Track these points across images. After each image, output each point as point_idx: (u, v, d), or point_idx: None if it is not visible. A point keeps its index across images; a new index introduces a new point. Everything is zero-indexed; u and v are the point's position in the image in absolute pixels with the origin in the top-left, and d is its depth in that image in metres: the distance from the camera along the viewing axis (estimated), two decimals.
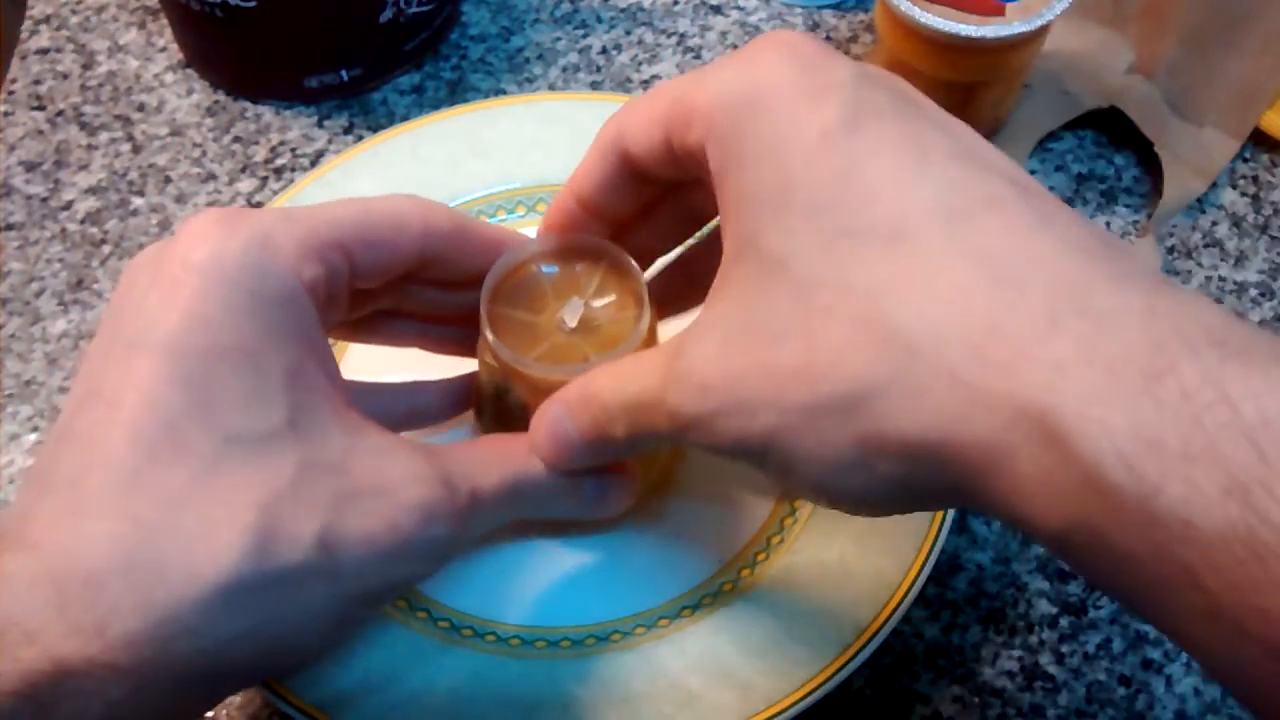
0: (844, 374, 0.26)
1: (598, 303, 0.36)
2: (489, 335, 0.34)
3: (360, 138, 0.52)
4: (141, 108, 0.53)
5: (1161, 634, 0.25)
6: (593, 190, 0.34)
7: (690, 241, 0.37)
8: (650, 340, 0.36)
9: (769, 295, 0.27)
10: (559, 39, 0.55)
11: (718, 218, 0.31)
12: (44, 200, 0.50)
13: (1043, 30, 0.46)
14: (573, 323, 0.35)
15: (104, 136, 0.52)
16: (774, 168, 0.28)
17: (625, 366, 0.31)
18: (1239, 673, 0.22)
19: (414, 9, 0.51)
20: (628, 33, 0.55)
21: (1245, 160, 0.51)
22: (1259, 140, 0.52)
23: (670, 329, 0.39)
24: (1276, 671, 0.21)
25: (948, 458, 0.25)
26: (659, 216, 0.36)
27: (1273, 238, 0.49)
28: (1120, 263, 0.25)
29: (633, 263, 0.35)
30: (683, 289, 0.37)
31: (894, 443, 0.25)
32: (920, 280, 0.25)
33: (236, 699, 0.39)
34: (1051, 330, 0.24)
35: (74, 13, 0.56)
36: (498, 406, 0.37)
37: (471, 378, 0.39)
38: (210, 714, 0.39)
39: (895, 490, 0.27)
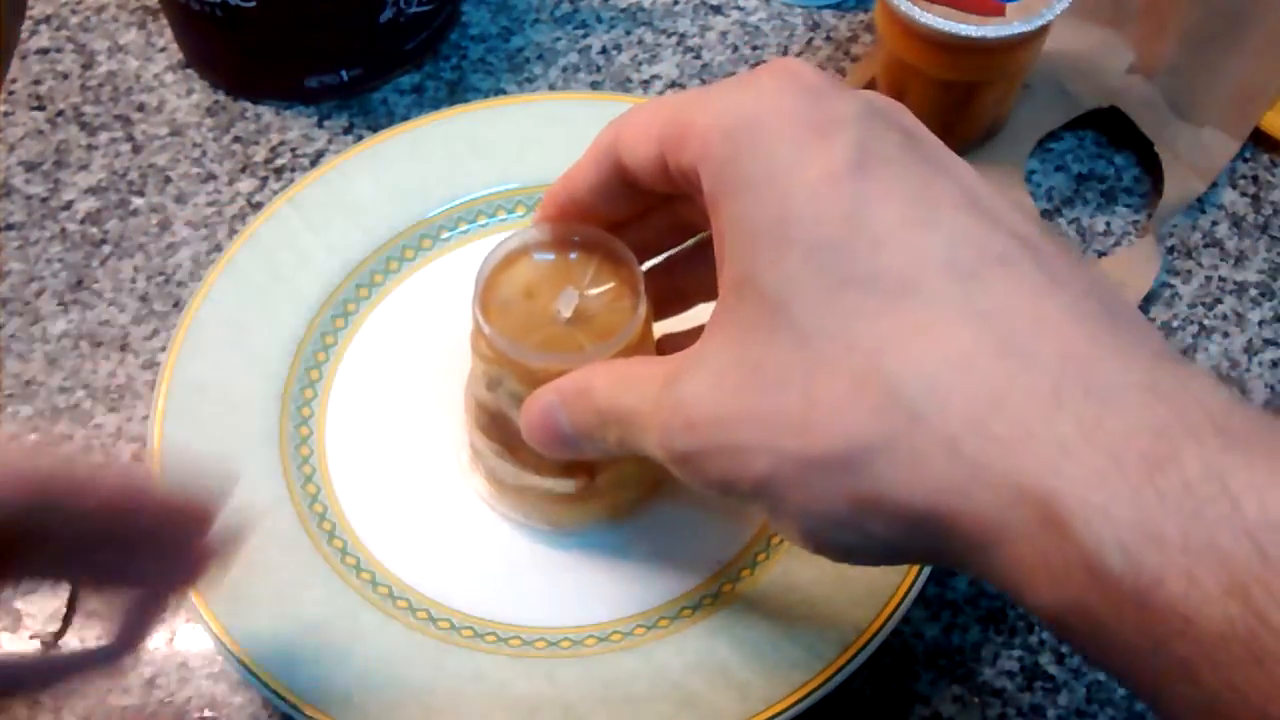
0: (842, 431, 0.25)
1: (593, 293, 0.35)
2: (483, 324, 0.34)
3: (360, 138, 0.52)
4: (141, 108, 0.53)
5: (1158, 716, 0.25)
6: (585, 193, 0.34)
7: (678, 249, 0.37)
8: (646, 332, 0.35)
9: (768, 339, 0.27)
10: (559, 39, 0.55)
11: (707, 232, 0.30)
12: (44, 200, 0.50)
13: (1043, 30, 0.46)
14: (567, 313, 0.35)
15: (104, 136, 0.52)
16: (773, 200, 0.27)
17: (622, 371, 0.31)
18: None
19: (414, 9, 0.51)
20: (628, 33, 0.55)
21: (1245, 160, 0.51)
22: (1259, 140, 0.52)
23: (660, 329, 0.39)
24: None
25: (943, 528, 0.25)
26: (650, 223, 0.36)
27: (1273, 238, 0.49)
28: (1125, 331, 0.25)
29: (629, 252, 0.35)
30: (669, 296, 0.37)
31: (889, 507, 0.25)
32: (926, 341, 0.25)
33: (236, 699, 0.39)
34: (1056, 408, 0.24)
35: (74, 13, 0.56)
36: (492, 416, 0.37)
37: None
38: (212, 714, 0.39)
39: (886, 550, 0.26)
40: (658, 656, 0.37)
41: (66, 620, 0.40)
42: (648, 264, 0.36)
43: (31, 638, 0.40)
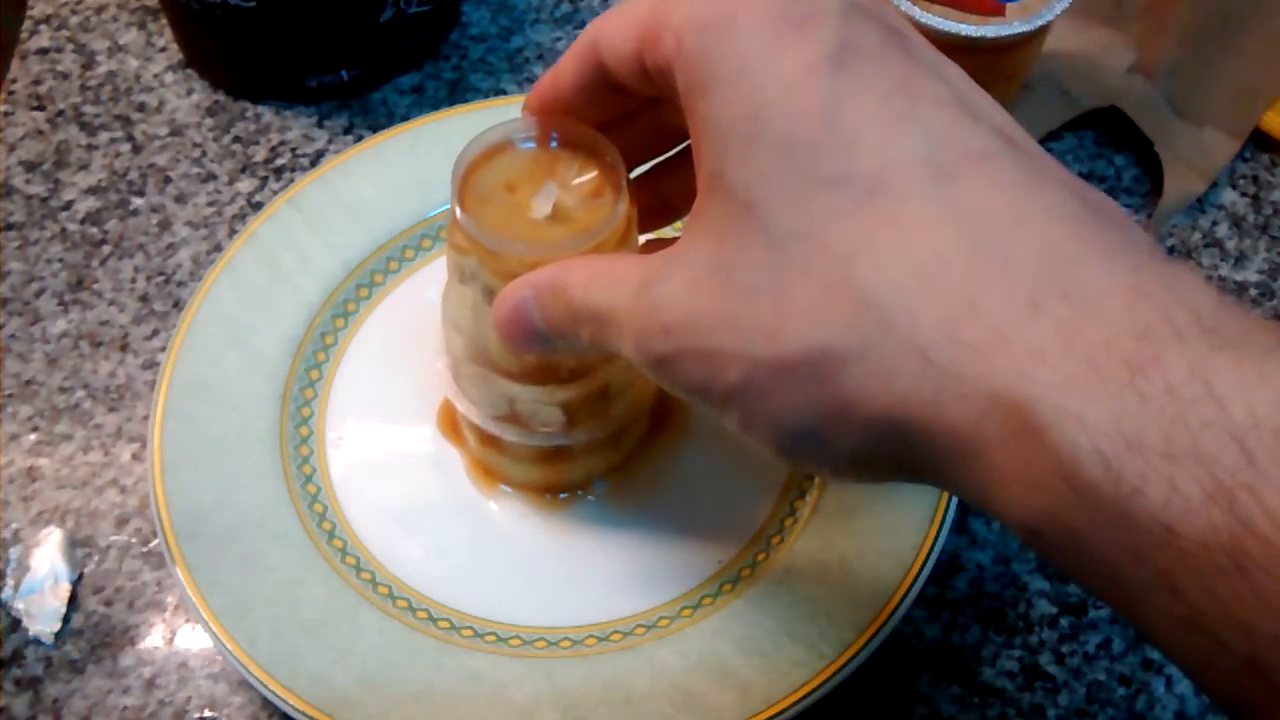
0: (812, 338, 0.24)
1: (575, 187, 0.34)
2: (459, 213, 0.33)
3: (360, 138, 0.52)
4: (141, 108, 0.53)
5: (1136, 630, 0.24)
6: (569, 91, 0.32)
7: (664, 157, 0.35)
8: (628, 234, 0.34)
9: (740, 241, 0.26)
10: (559, 39, 0.55)
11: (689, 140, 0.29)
12: (44, 200, 0.50)
13: (1043, 30, 0.46)
14: (546, 208, 0.33)
15: (104, 136, 0.52)
16: (745, 96, 0.26)
17: (599, 268, 0.30)
18: (1216, 680, 0.21)
19: (414, 9, 0.51)
20: None
21: (1245, 160, 0.51)
22: (1259, 140, 0.52)
23: None
24: (1254, 683, 0.21)
25: (914, 439, 0.24)
26: (636, 126, 0.34)
27: (1273, 238, 0.49)
28: (1109, 232, 0.24)
29: (614, 150, 0.33)
30: (655, 207, 0.36)
31: (857, 416, 0.24)
32: (898, 244, 0.24)
33: (236, 699, 0.39)
34: (1032, 312, 0.23)
35: (74, 13, 0.56)
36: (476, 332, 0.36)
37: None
38: (212, 713, 0.39)
39: (854, 461, 0.26)
40: (658, 656, 0.37)
41: (66, 620, 0.40)
42: (634, 172, 0.35)
43: (32, 637, 0.40)
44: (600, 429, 0.39)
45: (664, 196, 0.36)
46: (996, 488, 0.23)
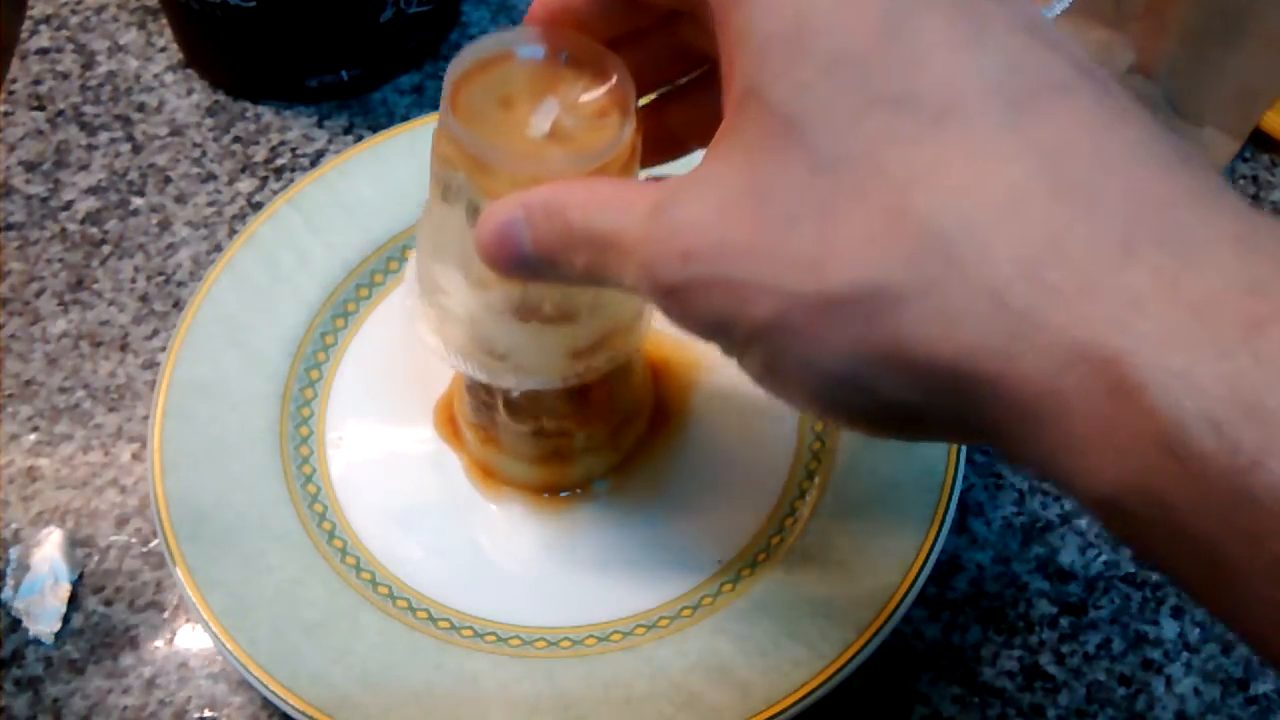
0: (864, 271, 0.22)
1: (577, 108, 0.31)
2: (451, 120, 0.30)
3: (360, 138, 0.52)
4: (141, 108, 0.53)
5: (1213, 615, 0.21)
6: (578, 2, 0.29)
7: (675, 85, 0.32)
8: (630, 163, 0.31)
9: (779, 162, 0.23)
10: None
11: (707, 66, 0.27)
12: (44, 200, 0.50)
13: None
14: (545, 126, 0.30)
15: (104, 136, 0.52)
16: (789, 4, 0.23)
17: (604, 190, 0.27)
18: None
19: (414, 9, 0.51)
20: None
21: (1245, 160, 0.51)
22: (1259, 140, 0.52)
23: None
24: None
25: (976, 393, 0.21)
26: (648, 45, 0.31)
27: None
28: (1200, 178, 0.21)
29: (622, 67, 0.30)
30: (661, 139, 0.32)
31: (910, 362, 0.22)
32: (969, 174, 0.21)
33: (236, 699, 0.39)
34: (1124, 257, 0.20)
35: (74, 13, 0.56)
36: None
37: None
38: (212, 713, 0.39)
39: (896, 414, 0.23)
40: (658, 656, 0.37)
41: (66, 620, 0.40)
42: (641, 100, 0.32)
43: (32, 637, 0.40)
44: (590, 449, 0.39)
45: (671, 128, 0.32)
46: (1073, 453, 0.21)
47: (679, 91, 0.32)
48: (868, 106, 0.22)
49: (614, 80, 0.30)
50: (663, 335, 0.44)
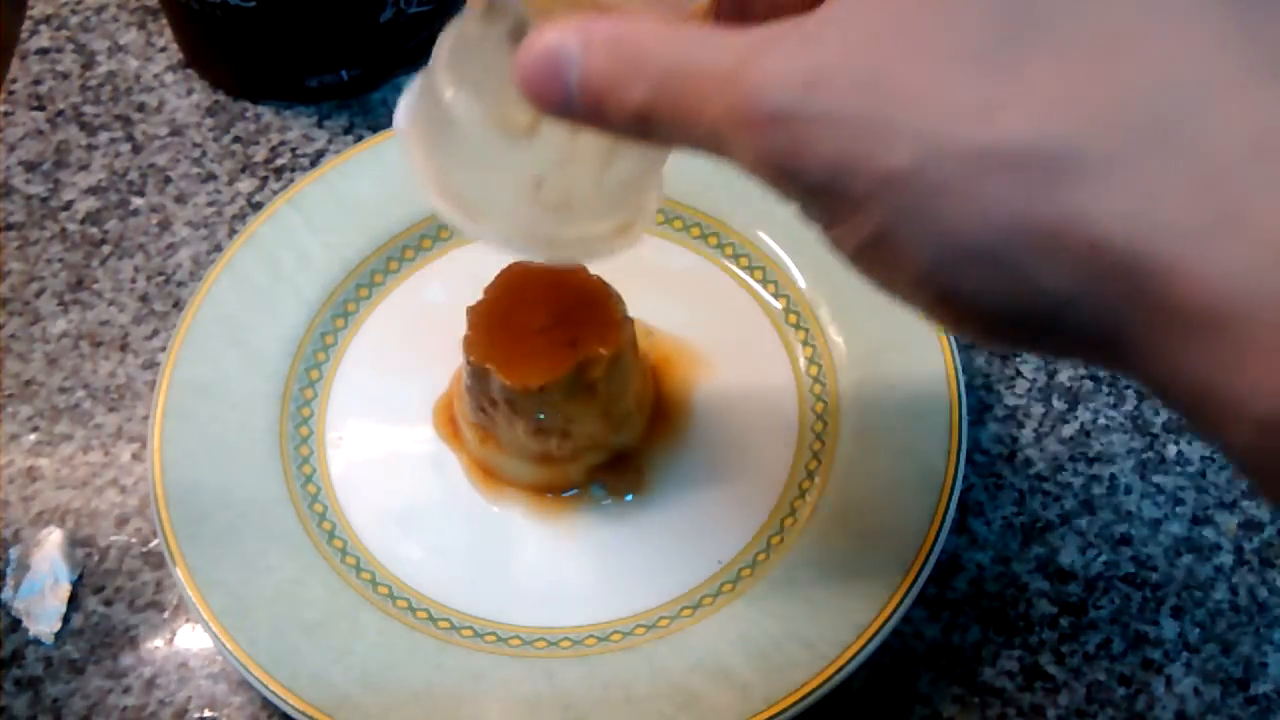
0: (1050, 129, 0.19)
1: None
2: None
3: (360, 138, 0.52)
4: (141, 108, 0.53)
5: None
6: None
7: None
8: (707, 19, 0.27)
9: (949, 2, 0.20)
10: None
11: None
12: (44, 200, 0.50)
13: None
14: None
15: (104, 136, 0.52)
16: None
17: (687, 30, 0.23)
18: None
19: (414, 9, 0.51)
20: None
21: None
22: None
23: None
24: None
25: (1144, 287, 0.18)
26: None
27: None
28: None
29: None
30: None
31: (1079, 241, 0.19)
32: (1189, 48, 0.19)
33: (236, 699, 0.39)
34: None
35: (74, 13, 0.56)
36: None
37: None
38: (212, 713, 0.39)
39: (1029, 309, 0.20)
40: (658, 656, 0.37)
41: (66, 620, 0.40)
42: None
43: (32, 637, 0.40)
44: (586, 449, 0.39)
45: None
46: (1249, 365, 0.18)
47: None
48: None
49: None
50: (663, 335, 0.44)
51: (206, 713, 0.39)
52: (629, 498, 0.41)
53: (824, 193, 0.21)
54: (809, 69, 0.20)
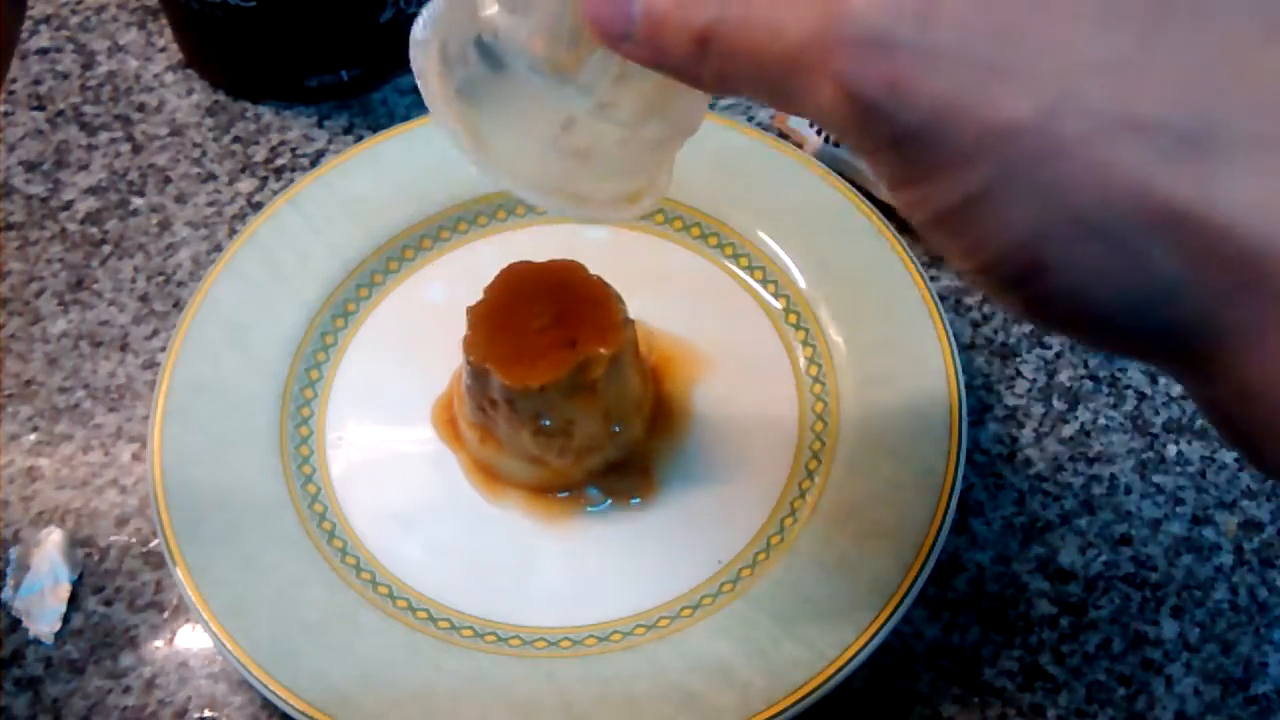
0: (1198, 104, 0.17)
1: None
2: None
3: (360, 138, 0.52)
4: (141, 108, 0.53)
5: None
6: None
7: None
8: None
9: None
10: None
11: None
12: (44, 200, 0.50)
13: None
14: None
15: (104, 136, 0.52)
16: None
17: None
18: None
19: (414, 9, 0.51)
20: None
21: None
22: None
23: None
24: None
25: (1256, 284, 0.17)
26: None
27: None
28: None
29: None
30: None
31: (1206, 227, 0.17)
32: None
33: (236, 699, 0.39)
34: None
35: (74, 13, 0.56)
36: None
37: None
38: (212, 713, 0.39)
39: (1127, 297, 0.18)
40: (658, 656, 0.37)
41: (66, 620, 0.40)
42: None
43: (32, 637, 0.40)
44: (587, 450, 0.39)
45: None
46: None
47: None
48: None
49: None
50: (663, 335, 0.44)
51: (206, 713, 0.39)
52: (635, 501, 0.41)
53: (919, 140, 0.19)
54: (927, 6, 0.18)
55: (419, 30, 0.28)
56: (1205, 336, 0.18)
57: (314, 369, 0.44)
